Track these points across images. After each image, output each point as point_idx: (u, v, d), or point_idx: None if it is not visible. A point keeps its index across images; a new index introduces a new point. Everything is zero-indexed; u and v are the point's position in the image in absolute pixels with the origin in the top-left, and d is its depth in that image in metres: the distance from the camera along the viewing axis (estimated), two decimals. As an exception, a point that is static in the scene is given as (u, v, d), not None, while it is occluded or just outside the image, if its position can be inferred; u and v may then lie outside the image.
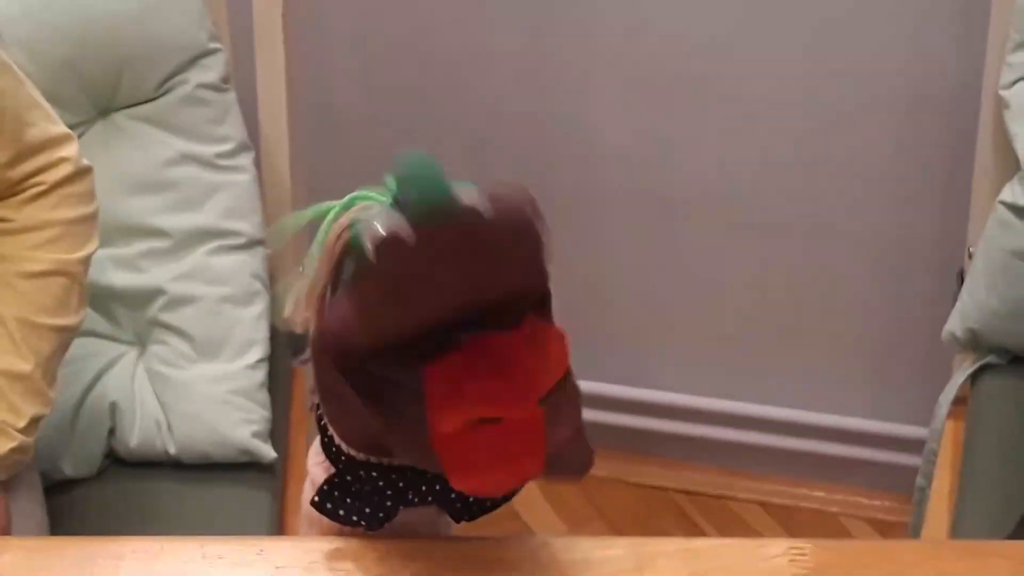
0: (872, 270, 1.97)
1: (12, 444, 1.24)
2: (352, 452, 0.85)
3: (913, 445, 1.85)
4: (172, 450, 1.46)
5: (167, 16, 1.52)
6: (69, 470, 1.44)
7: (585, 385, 0.77)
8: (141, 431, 1.45)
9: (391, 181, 0.77)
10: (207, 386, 1.47)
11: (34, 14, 1.48)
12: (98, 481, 1.45)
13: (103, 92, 1.52)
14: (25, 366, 1.24)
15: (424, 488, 0.86)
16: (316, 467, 0.89)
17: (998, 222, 1.51)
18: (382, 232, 0.71)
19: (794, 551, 0.89)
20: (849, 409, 2.07)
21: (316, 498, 0.87)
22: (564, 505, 2.09)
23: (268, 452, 1.47)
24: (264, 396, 1.49)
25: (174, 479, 1.45)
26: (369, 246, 0.71)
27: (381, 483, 0.85)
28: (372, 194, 0.80)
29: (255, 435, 1.46)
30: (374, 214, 0.74)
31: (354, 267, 0.76)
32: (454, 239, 0.71)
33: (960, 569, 0.87)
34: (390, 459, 0.84)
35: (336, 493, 0.87)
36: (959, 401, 1.56)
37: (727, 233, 1.99)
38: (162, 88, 1.53)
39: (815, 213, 1.95)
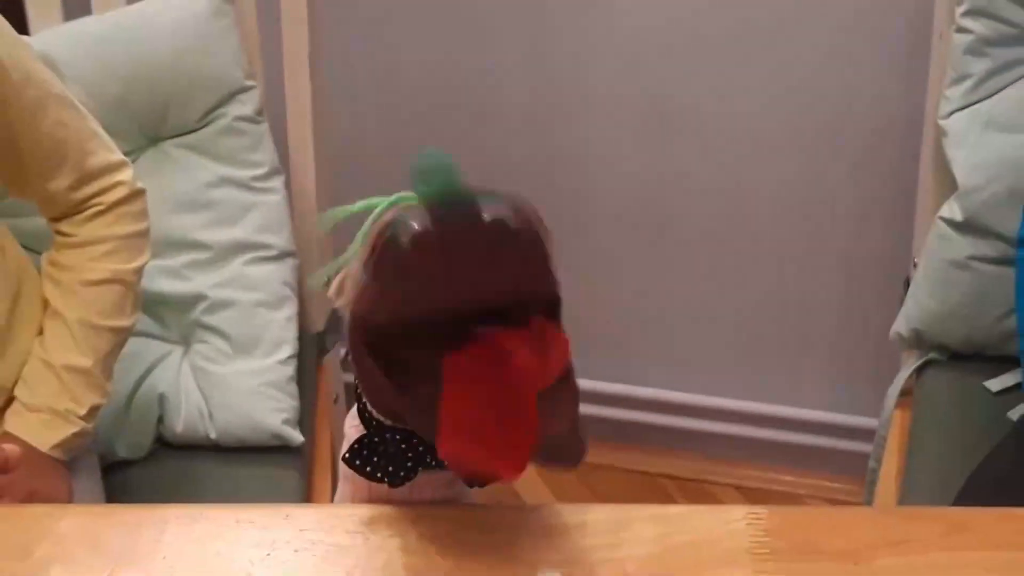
0: (831, 280, 1.98)
1: (75, 429, 1.26)
2: (380, 417, 0.87)
3: (869, 435, 1.84)
4: (213, 435, 1.46)
5: (208, 58, 1.53)
6: (123, 452, 1.45)
7: (581, 383, 0.77)
8: (186, 418, 1.46)
9: (415, 179, 0.74)
10: (243, 379, 1.48)
11: (93, 56, 1.50)
12: (148, 462, 1.46)
13: (152, 124, 1.54)
14: (85, 362, 1.26)
15: None
16: (351, 428, 0.88)
17: (938, 236, 1.52)
18: (412, 229, 0.71)
19: (752, 515, 0.88)
20: (812, 403, 2.08)
21: (347, 455, 0.87)
22: (561, 488, 2.09)
23: (296, 437, 1.47)
24: (293, 388, 1.50)
25: (214, 461, 1.46)
26: (403, 241, 0.71)
27: (404, 446, 0.85)
28: (413, 195, 0.81)
29: (285, 422, 1.47)
30: (409, 214, 0.73)
31: (384, 253, 0.74)
32: (475, 239, 0.70)
33: (897, 529, 0.86)
34: (406, 425, 0.86)
35: (365, 452, 0.86)
36: (905, 393, 1.57)
37: (706, 249, 2.00)
38: (204, 120, 1.55)
39: (783, 230, 1.95)
